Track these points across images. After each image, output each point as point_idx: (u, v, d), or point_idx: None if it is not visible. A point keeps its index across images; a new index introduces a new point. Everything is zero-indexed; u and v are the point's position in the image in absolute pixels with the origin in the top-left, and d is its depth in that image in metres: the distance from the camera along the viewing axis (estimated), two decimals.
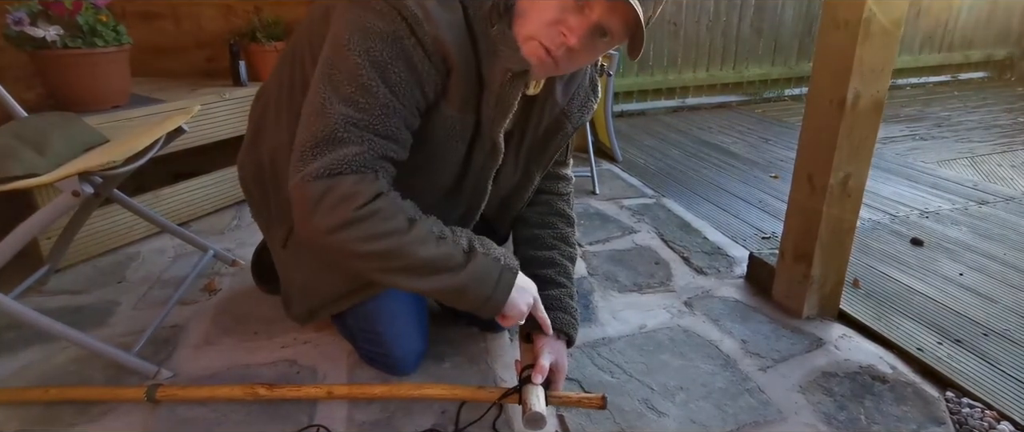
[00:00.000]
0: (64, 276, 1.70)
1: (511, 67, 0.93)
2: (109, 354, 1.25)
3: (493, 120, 1.01)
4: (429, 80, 0.93)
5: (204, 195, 2.11)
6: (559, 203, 1.29)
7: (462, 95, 0.97)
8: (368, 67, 0.88)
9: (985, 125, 3.49)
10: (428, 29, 0.88)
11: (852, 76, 1.28)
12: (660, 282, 1.71)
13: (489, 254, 1.01)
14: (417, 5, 0.88)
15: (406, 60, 0.89)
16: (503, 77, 0.95)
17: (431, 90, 0.95)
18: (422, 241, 0.94)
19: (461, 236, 1.01)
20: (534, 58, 0.93)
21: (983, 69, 4.91)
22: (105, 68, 1.77)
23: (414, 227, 0.94)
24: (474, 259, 0.99)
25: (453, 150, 1.04)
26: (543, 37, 0.91)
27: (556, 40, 0.91)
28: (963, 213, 2.19)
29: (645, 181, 2.58)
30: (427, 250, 0.94)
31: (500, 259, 1.02)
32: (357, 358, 1.33)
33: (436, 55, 0.91)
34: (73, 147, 1.32)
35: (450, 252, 0.96)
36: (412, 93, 0.92)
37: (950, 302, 1.59)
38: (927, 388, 1.27)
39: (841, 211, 1.42)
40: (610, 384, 1.27)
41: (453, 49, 0.91)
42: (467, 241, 1.00)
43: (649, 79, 3.87)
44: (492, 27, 0.93)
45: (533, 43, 0.92)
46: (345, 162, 0.88)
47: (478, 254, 0.99)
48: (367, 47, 0.87)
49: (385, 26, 0.87)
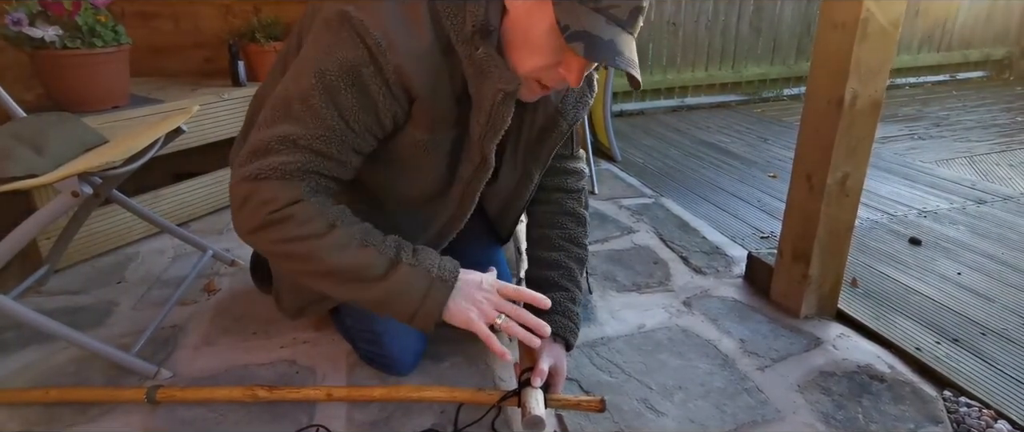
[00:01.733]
0: (63, 276, 1.70)
1: (503, 87, 0.94)
2: (108, 354, 1.25)
3: (484, 136, 1.01)
4: (387, 109, 0.94)
5: (203, 195, 2.12)
6: (569, 202, 1.28)
7: (432, 119, 0.98)
8: (320, 91, 0.89)
9: (983, 124, 3.50)
10: (391, 58, 0.89)
11: (850, 76, 1.28)
12: (659, 282, 1.71)
13: (418, 265, 0.95)
14: (383, 35, 0.88)
15: (361, 89, 0.90)
16: (495, 97, 0.95)
17: (389, 119, 0.95)
18: (339, 247, 0.93)
19: (389, 246, 0.96)
20: (530, 94, 0.97)
21: (982, 68, 4.91)
22: (104, 68, 1.77)
23: (332, 232, 0.92)
24: (396, 270, 0.94)
25: (428, 166, 1.05)
26: (543, 78, 0.94)
27: (555, 79, 0.94)
28: (961, 212, 2.20)
29: (644, 181, 2.58)
30: (343, 256, 0.93)
31: (431, 270, 0.96)
32: (356, 358, 1.33)
33: (397, 85, 0.91)
34: (72, 147, 1.32)
35: (370, 262, 0.94)
36: (363, 119, 0.93)
37: (948, 301, 1.59)
38: (925, 387, 1.27)
39: (839, 210, 1.42)
40: (609, 384, 1.27)
41: (417, 80, 0.92)
42: (396, 251, 0.96)
43: (648, 78, 3.87)
44: (477, 50, 0.92)
45: (533, 83, 0.95)
46: (270, 169, 0.90)
47: (402, 265, 0.94)
48: (323, 71, 0.89)
49: (346, 54, 0.89)
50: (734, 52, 4.03)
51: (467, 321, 0.97)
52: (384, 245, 0.96)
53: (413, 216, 1.14)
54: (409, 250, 0.98)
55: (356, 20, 0.88)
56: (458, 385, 1.25)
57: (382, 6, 0.90)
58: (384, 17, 0.89)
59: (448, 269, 0.98)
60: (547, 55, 0.90)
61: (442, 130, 1.01)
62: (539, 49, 0.90)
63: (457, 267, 1.00)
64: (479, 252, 1.36)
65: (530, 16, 0.89)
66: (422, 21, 0.92)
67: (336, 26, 0.89)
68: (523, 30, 0.91)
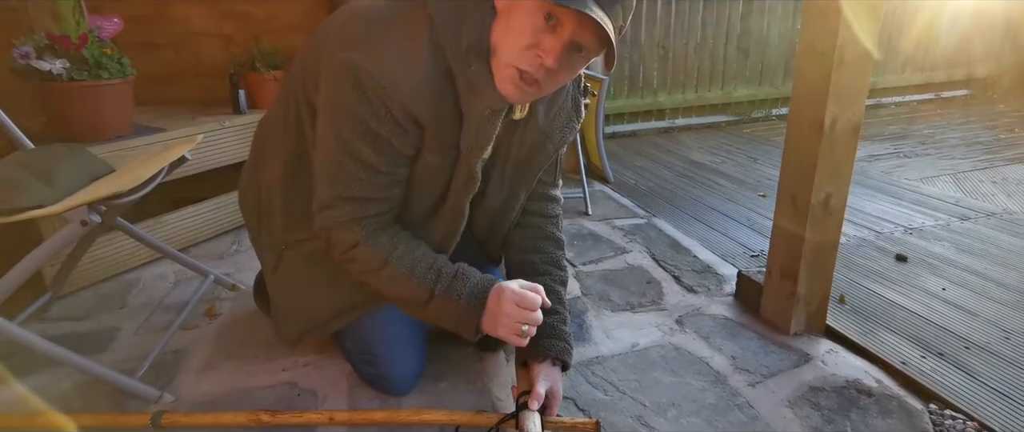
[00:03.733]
0: (66, 302, 1.73)
1: (491, 106, 0.99)
2: (112, 379, 1.28)
3: (471, 150, 1.06)
4: (404, 143, 1.03)
5: (204, 221, 2.15)
6: (548, 226, 1.33)
7: (440, 142, 1.05)
8: (342, 151, 1.02)
9: (967, 142, 3.58)
10: (396, 99, 0.96)
11: (829, 101, 1.34)
12: (652, 301, 1.75)
13: (449, 296, 1.10)
14: (386, 77, 0.95)
15: (375, 137, 1.00)
16: (482, 114, 1.01)
17: (409, 148, 1.05)
18: (392, 280, 1.10)
19: (429, 278, 1.10)
20: (512, 85, 0.98)
21: (965, 87, 5.03)
22: (109, 99, 1.82)
23: (385, 269, 1.09)
24: (433, 301, 1.10)
25: (433, 186, 1.13)
26: (520, 62, 0.95)
27: (533, 62, 0.95)
28: (946, 229, 2.25)
29: (636, 201, 2.63)
30: (395, 288, 1.11)
31: (459, 300, 1.10)
32: (356, 379, 1.36)
33: (405, 120, 0.99)
34: (80, 177, 1.36)
35: (414, 293, 1.10)
36: (387, 160, 1.04)
37: (933, 316, 1.64)
38: (911, 401, 1.31)
39: (824, 229, 1.47)
40: (604, 401, 1.30)
41: (423, 110, 0.99)
42: (434, 281, 1.10)
43: (639, 101, 3.96)
44: (470, 67, 0.97)
45: (511, 70, 0.96)
46: (333, 222, 1.09)
47: (436, 299, 1.10)
48: (339, 132, 1.01)
49: (352, 111, 0.98)
50: (723, 74, 4.13)
51: (497, 335, 1.11)
52: (425, 277, 1.10)
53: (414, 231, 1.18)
54: (446, 279, 1.10)
55: (359, 68, 0.94)
56: (456, 406, 1.28)
57: (383, 43, 0.96)
58: (386, 56, 0.95)
59: (474, 298, 1.10)
60: (526, 35, 0.93)
61: (448, 151, 1.07)
62: (519, 31, 0.94)
63: (484, 293, 1.11)
64: None
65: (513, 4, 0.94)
66: (421, 47, 0.97)
67: (342, 79, 0.97)
68: (506, 21, 0.96)
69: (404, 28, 0.98)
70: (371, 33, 0.98)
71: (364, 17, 1.01)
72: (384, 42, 0.96)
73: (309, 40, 1.11)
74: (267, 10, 2.59)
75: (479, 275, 1.13)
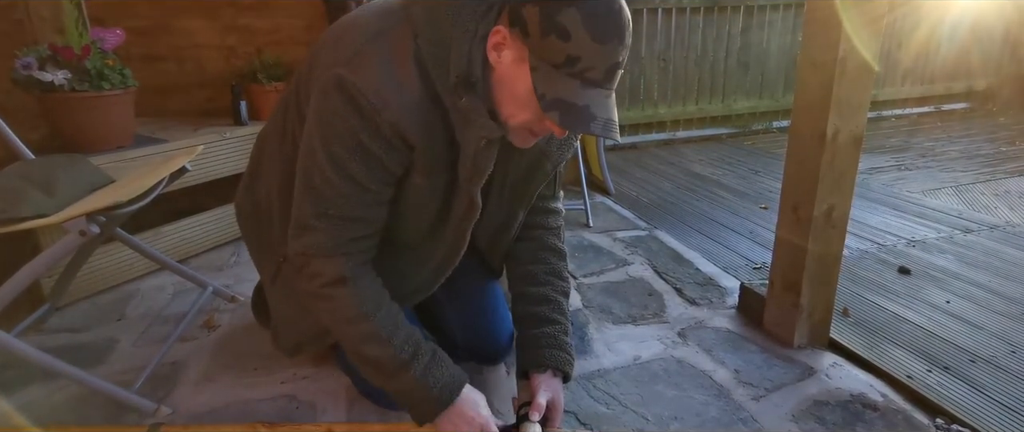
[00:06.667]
0: (64, 314, 1.72)
1: (487, 135, 0.99)
2: (109, 391, 1.27)
3: (470, 179, 1.06)
4: (393, 160, 1.00)
5: (203, 232, 2.14)
6: (549, 238, 1.32)
7: (429, 164, 1.03)
8: (330, 165, 0.98)
9: (968, 155, 3.58)
10: (385, 117, 0.94)
11: (830, 112, 1.34)
12: (653, 313, 1.73)
13: (422, 378, 1.05)
14: (376, 94, 0.93)
15: (364, 153, 0.97)
16: (478, 144, 1.00)
17: (398, 167, 1.02)
18: (366, 337, 1.05)
19: (406, 350, 1.05)
20: (522, 140, 1.01)
21: (965, 99, 5.03)
22: (111, 110, 1.82)
23: (365, 322, 1.04)
24: (403, 375, 1.05)
25: (425, 208, 1.11)
26: (533, 127, 0.97)
27: (544, 130, 0.98)
28: (949, 242, 2.24)
29: (638, 213, 2.62)
30: (366, 347, 1.05)
31: (432, 389, 1.05)
32: (356, 393, 1.34)
33: (395, 138, 0.97)
34: (80, 188, 1.36)
35: (385, 359, 1.05)
36: (376, 176, 1.00)
37: (938, 330, 1.62)
38: (917, 415, 1.29)
39: (827, 241, 1.46)
40: (605, 415, 1.29)
41: (412, 131, 0.97)
42: (410, 355, 1.05)
43: (640, 113, 3.97)
44: (461, 99, 0.96)
45: (524, 133, 0.98)
46: (314, 247, 1.03)
47: (408, 374, 1.05)
48: (328, 146, 0.97)
49: (344, 124, 0.95)
50: (723, 86, 4.14)
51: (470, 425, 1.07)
52: (403, 347, 1.05)
53: (413, 254, 1.17)
54: (424, 358, 1.06)
55: (350, 84, 0.93)
56: None
57: (373, 63, 0.95)
58: (375, 75, 0.94)
59: (447, 390, 1.06)
60: (531, 112, 0.93)
61: (438, 174, 1.06)
62: (523, 107, 0.94)
63: (459, 387, 1.08)
64: (476, 286, 1.39)
65: (513, 76, 0.93)
66: (411, 71, 0.96)
67: (332, 93, 0.95)
68: (509, 87, 0.94)
69: (393, 50, 0.97)
70: (363, 50, 0.97)
71: (357, 35, 1.00)
72: (375, 61, 0.96)
73: (306, 55, 1.11)
74: (269, 23, 2.60)
75: (452, 366, 1.09)
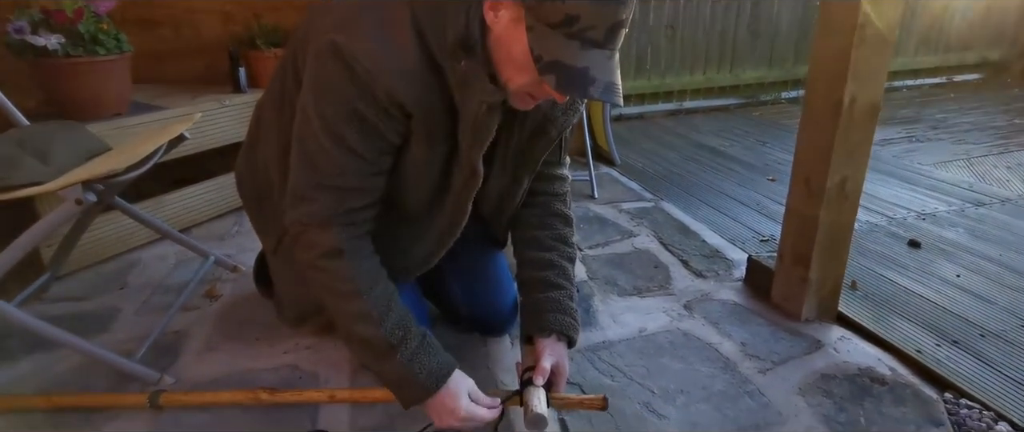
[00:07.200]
0: (65, 283, 1.71)
1: (487, 100, 0.95)
2: (111, 361, 1.26)
3: (471, 147, 1.02)
4: (390, 129, 0.97)
5: (205, 201, 2.12)
6: (556, 204, 1.28)
7: (427, 131, 1.00)
8: (325, 133, 0.95)
9: (981, 127, 3.51)
10: (381, 83, 0.91)
11: (848, 80, 1.29)
12: (659, 285, 1.72)
13: (409, 363, 1.01)
14: (371, 60, 0.90)
15: (360, 121, 0.94)
16: (479, 109, 0.96)
17: (395, 135, 0.99)
18: (357, 317, 1.02)
19: (396, 333, 1.01)
20: (522, 103, 0.97)
21: (978, 71, 4.93)
22: (106, 76, 1.78)
23: (357, 300, 1.01)
24: (390, 359, 1.01)
25: (425, 179, 1.08)
26: (533, 91, 0.93)
27: (544, 94, 0.94)
28: (960, 215, 2.21)
29: (643, 185, 2.59)
30: (357, 327, 1.02)
31: (418, 374, 1.01)
32: (359, 364, 1.33)
33: (392, 106, 0.94)
34: (76, 155, 1.33)
35: (374, 341, 1.01)
36: (373, 145, 0.98)
37: (947, 303, 1.60)
38: (926, 390, 1.28)
39: (838, 213, 1.43)
40: (611, 388, 1.28)
41: (409, 98, 0.94)
42: (400, 339, 1.01)
43: (646, 83, 3.89)
44: (459, 63, 0.92)
45: (524, 96, 0.95)
46: (309, 216, 1.00)
47: (396, 358, 1.01)
48: (323, 114, 0.95)
49: (338, 92, 0.92)
50: (732, 56, 4.05)
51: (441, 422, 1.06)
52: (393, 330, 1.02)
53: (413, 226, 1.15)
54: (412, 342, 1.03)
55: (344, 50, 0.89)
56: None
57: (368, 29, 0.92)
58: (370, 41, 0.91)
59: (433, 377, 1.03)
60: (529, 75, 0.89)
61: (437, 143, 1.03)
62: (521, 69, 0.90)
63: (445, 375, 1.04)
64: (479, 256, 1.37)
65: (510, 37, 0.89)
66: (407, 37, 0.93)
67: (327, 59, 0.92)
68: (506, 49, 0.91)
69: (389, 15, 0.94)
70: (360, 17, 0.94)
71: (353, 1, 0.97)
72: (370, 26, 0.92)
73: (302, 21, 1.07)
74: None
75: (441, 353, 1.06)
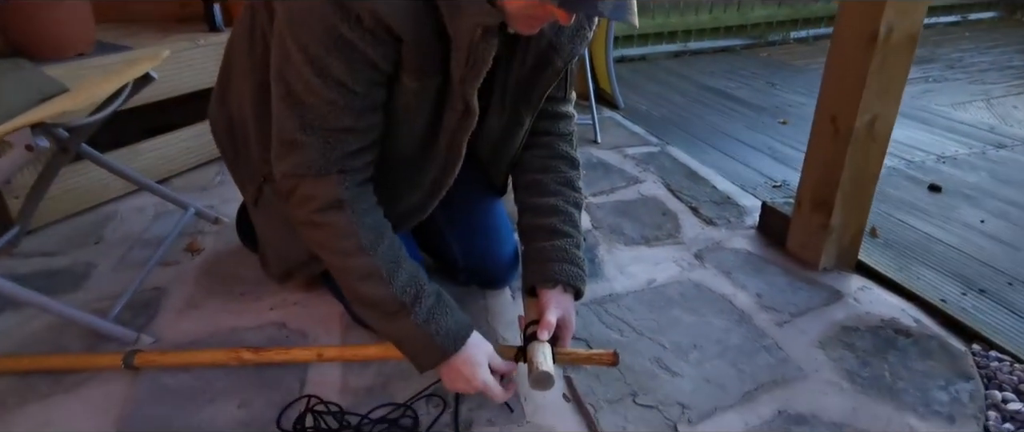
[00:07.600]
0: (37, 237, 1.60)
1: (483, 22, 0.82)
2: (83, 321, 1.17)
3: (464, 79, 0.90)
4: (379, 54, 0.85)
5: (185, 149, 2.00)
6: (561, 145, 1.17)
7: (418, 61, 0.88)
8: (309, 67, 0.84)
9: (998, 66, 3.37)
10: (366, 4, 0.79)
11: (887, 7, 1.16)
12: (668, 234, 1.62)
13: (424, 324, 0.93)
14: None
15: (345, 47, 0.83)
16: (473, 34, 0.84)
17: (385, 62, 0.87)
18: (364, 275, 0.93)
19: (408, 291, 0.93)
20: (527, 28, 0.85)
21: (994, 8, 4.73)
22: (66, 12, 1.62)
23: (362, 256, 0.92)
24: (402, 319, 0.93)
25: (417, 116, 0.96)
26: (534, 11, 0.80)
27: (547, 15, 0.81)
28: (981, 157, 2.11)
29: (649, 129, 2.46)
30: (363, 285, 0.94)
31: (434, 336, 0.93)
32: (350, 320, 1.25)
33: (378, 28, 0.82)
34: (27, 97, 1.20)
35: (384, 300, 0.93)
36: (362, 75, 0.87)
37: (972, 250, 1.52)
38: (952, 341, 1.21)
39: (866, 156, 1.33)
40: (619, 343, 1.20)
41: (395, 20, 0.82)
42: (412, 299, 0.93)
43: (650, 22, 3.70)
44: None
45: (525, 18, 0.82)
46: (304, 166, 0.90)
47: (409, 318, 0.93)
48: (304, 45, 0.84)
49: (319, 18, 0.81)
50: None
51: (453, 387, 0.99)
52: (404, 288, 0.93)
53: (405, 170, 1.04)
54: (427, 300, 0.95)
55: None
56: None
57: None
58: None
59: (451, 338, 0.95)
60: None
61: (428, 74, 0.91)
62: None
63: (463, 337, 0.96)
64: (476, 205, 1.27)
65: None
66: None
67: None
68: None
69: None
70: None
71: None
72: None
73: None
74: None
75: (457, 312, 0.98)
